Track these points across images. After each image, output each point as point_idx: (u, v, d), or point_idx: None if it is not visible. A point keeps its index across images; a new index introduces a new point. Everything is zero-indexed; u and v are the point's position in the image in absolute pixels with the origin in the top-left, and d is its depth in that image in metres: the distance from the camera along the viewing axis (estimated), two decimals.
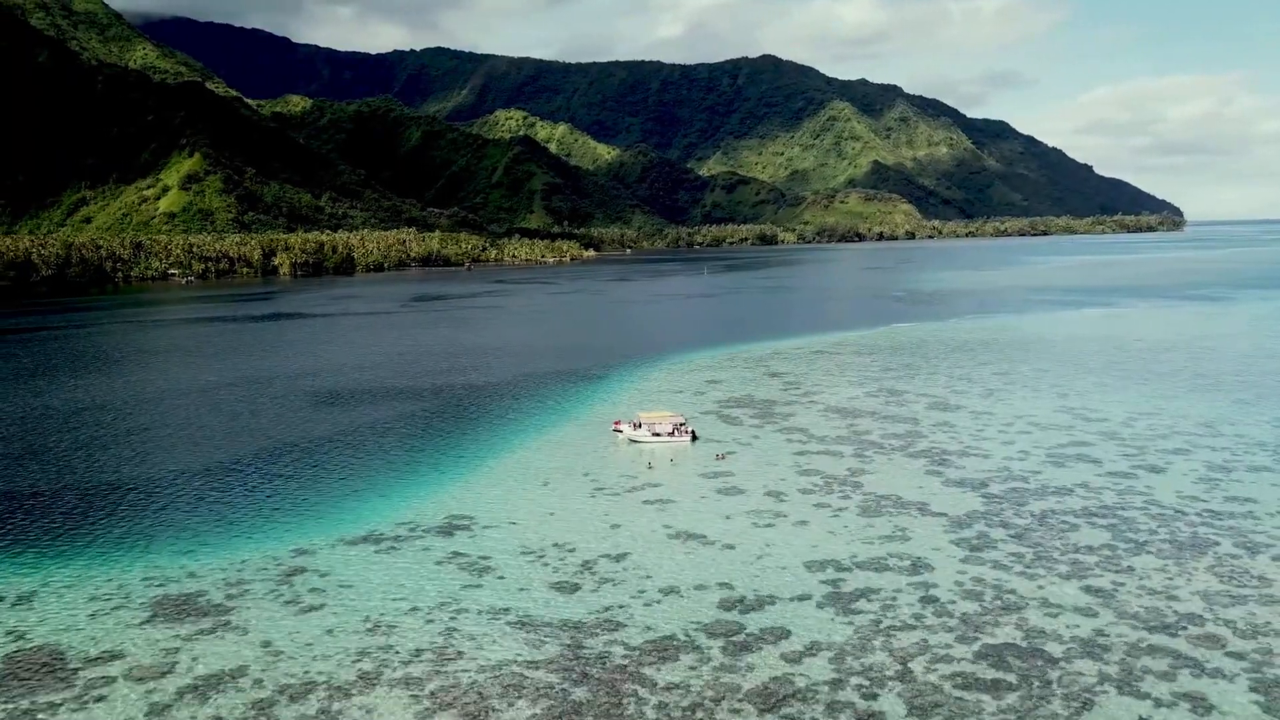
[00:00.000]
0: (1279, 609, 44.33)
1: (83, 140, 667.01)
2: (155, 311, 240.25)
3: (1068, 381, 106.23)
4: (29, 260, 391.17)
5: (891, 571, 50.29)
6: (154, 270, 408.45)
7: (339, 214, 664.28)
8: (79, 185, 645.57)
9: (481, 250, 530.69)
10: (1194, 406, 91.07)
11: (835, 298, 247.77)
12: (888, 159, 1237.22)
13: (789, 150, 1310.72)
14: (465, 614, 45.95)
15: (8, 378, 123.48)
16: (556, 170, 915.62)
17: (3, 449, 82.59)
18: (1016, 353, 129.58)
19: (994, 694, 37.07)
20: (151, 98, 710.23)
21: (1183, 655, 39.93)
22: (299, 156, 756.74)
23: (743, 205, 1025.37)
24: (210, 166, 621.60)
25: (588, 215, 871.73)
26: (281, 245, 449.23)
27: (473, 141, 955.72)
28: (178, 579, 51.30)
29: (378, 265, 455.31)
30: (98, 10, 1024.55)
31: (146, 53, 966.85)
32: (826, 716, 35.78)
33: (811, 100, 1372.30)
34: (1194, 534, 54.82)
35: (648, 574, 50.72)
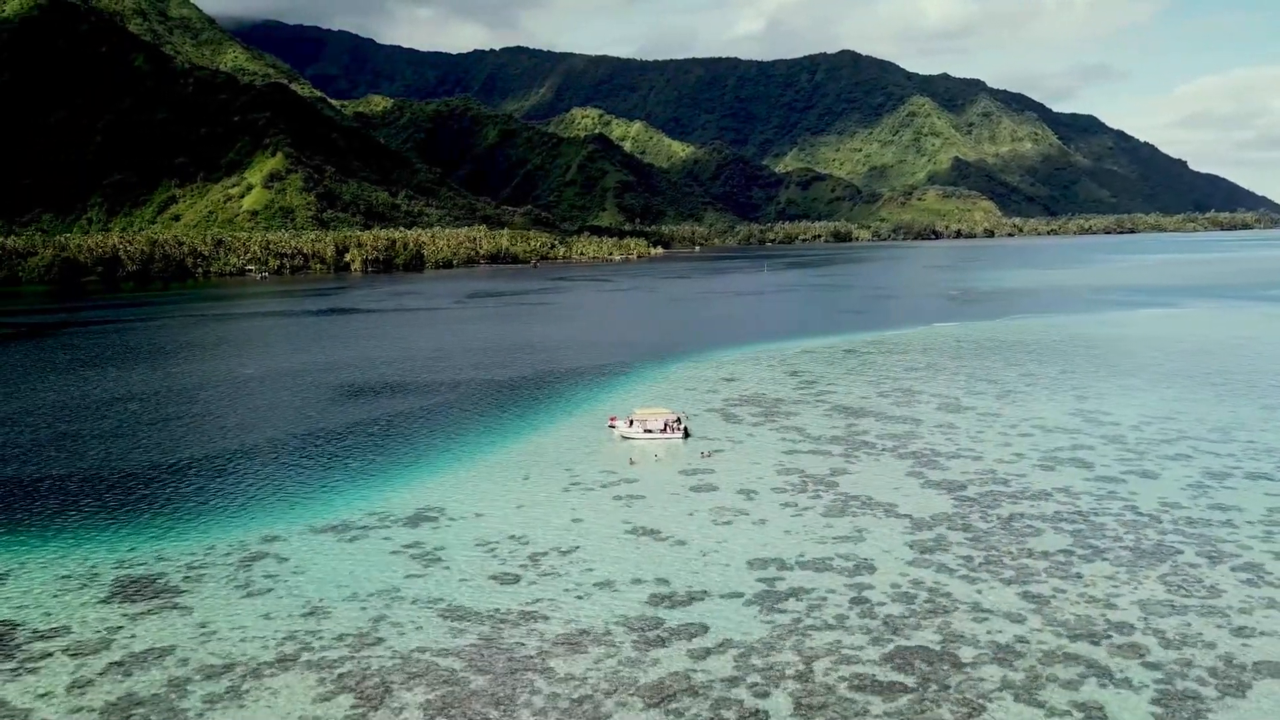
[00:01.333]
0: (1215, 620, 42.90)
1: (173, 140, 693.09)
2: (220, 306, 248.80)
3: (1092, 383, 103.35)
4: (116, 256, 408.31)
5: (832, 572, 49.99)
6: (232, 266, 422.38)
7: (415, 212, 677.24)
8: (169, 184, 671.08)
9: (549, 248, 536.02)
10: (1214, 411, 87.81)
11: (886, 296, 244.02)
12: (968, 155, 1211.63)
13: (867, 147, 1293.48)
14: (399, 602, 47.18)
15: (61, 367, 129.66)
16: (629, 168, 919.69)
17: (29, 435, 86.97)
18: (1050, 353, 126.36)
19: (885, 696, 36.78)
20: (238, 99, 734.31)
21: (1097, 665, 38.99)
22: (377, 155, 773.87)
23: (818, 202, 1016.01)
24: (292, 165, 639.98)
25: (660, 213, 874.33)
26: (354, 242, 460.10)
27: (547, 140, 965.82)
28: (146, 561, 53.67)
29: (446, 262, 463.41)
30: (192, 15, 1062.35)
31: (236, 55, 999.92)
32: (710, 712, 35.96)
33: (891, 96, 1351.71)
34: (1160, 542, 53.20)
35: (590, 568, 51.32)
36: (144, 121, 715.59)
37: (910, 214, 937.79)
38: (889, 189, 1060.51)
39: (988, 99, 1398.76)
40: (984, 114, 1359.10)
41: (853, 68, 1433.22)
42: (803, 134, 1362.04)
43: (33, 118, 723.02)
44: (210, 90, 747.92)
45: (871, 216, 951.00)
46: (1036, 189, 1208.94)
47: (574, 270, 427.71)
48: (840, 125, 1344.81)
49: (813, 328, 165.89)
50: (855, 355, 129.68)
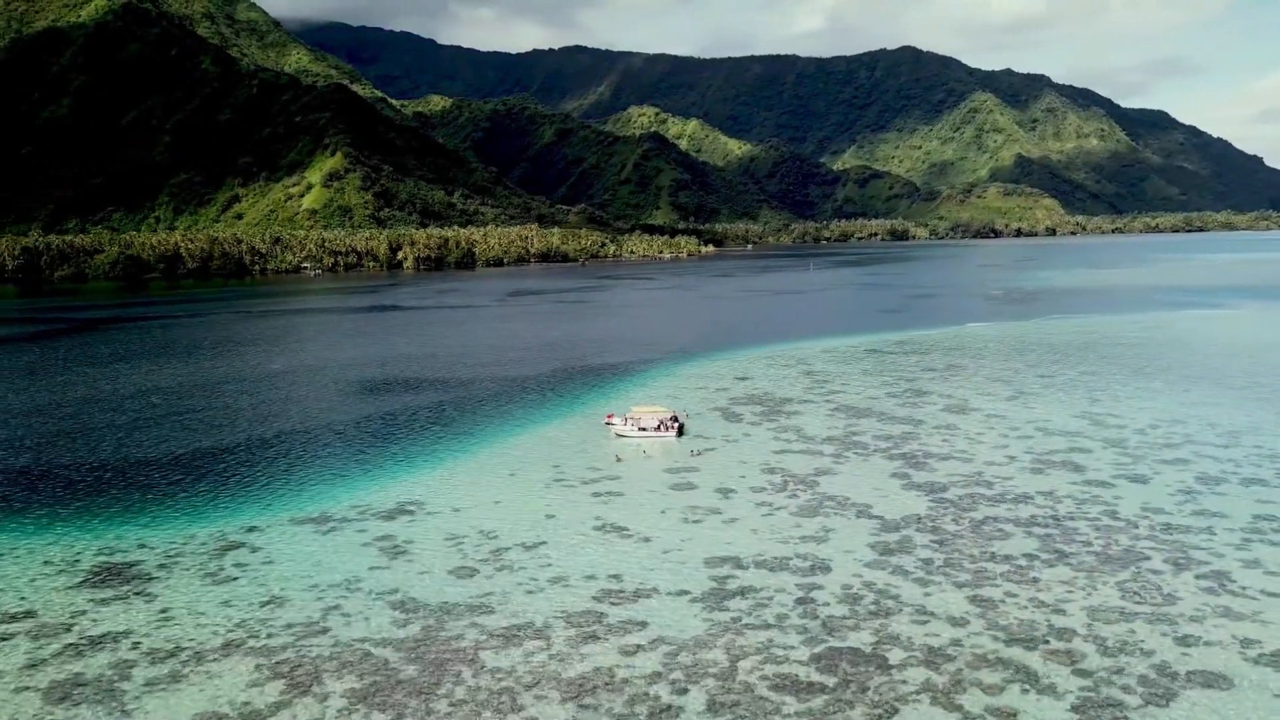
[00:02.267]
0: (1160, 628, 42.02)
1: (238, 140, 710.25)
2: (267, 302, 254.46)
3: (1109, 385, 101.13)
4: (177, 254, 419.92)
5: (786, 572, 49.94)
6: (288, 264, 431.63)
7: (470, 210, 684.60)
8: (232, 183, 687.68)
9: (600, 246, 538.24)
10: (1227, 416, 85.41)
11: (927, 295, 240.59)
12: (1032, 152, 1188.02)
13: (927, 144, 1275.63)
14: (355, 593, 48.29)
15: (98, 361, 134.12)
16: (684, 166, 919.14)
17: (49, 426, 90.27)
18: (1076, 355, 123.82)
19: (801, 696, 36.79)
20: (300, 100, 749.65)
21: (1025, 670, 38.51)
22: (435, 155, 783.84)
23: (875, 200, 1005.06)
24: (350, 165, 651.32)
25: (714, 211, 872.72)
26: (407, 240, 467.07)
27: (603, 139, 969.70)
28: (126, 549, 55.60)
29: (497, 260, 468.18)
30: (258, 18, 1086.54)
31: (300, 57, 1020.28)
32: (623, 708, 36.32)
33: (952, 92, 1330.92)
34: (1129, 548, 52.14)
35: (548, 563, 51.94)
36: (210, 122, 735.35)
37: (969, 212, 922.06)
38: (948, 187, 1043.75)
39: (1053, 95, 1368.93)
40: (1048, 110, 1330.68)
41: (913, 64, 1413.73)
42: (862, 131, 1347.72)
43: (106, 119, 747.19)
44: (274, 91, 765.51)
45: (930, 214, 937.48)
46: (1102, 186, 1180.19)
47: (621, 269, 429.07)
48: (900, 122, 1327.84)
49: (841, 327, 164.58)
50: (876, 355, 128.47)
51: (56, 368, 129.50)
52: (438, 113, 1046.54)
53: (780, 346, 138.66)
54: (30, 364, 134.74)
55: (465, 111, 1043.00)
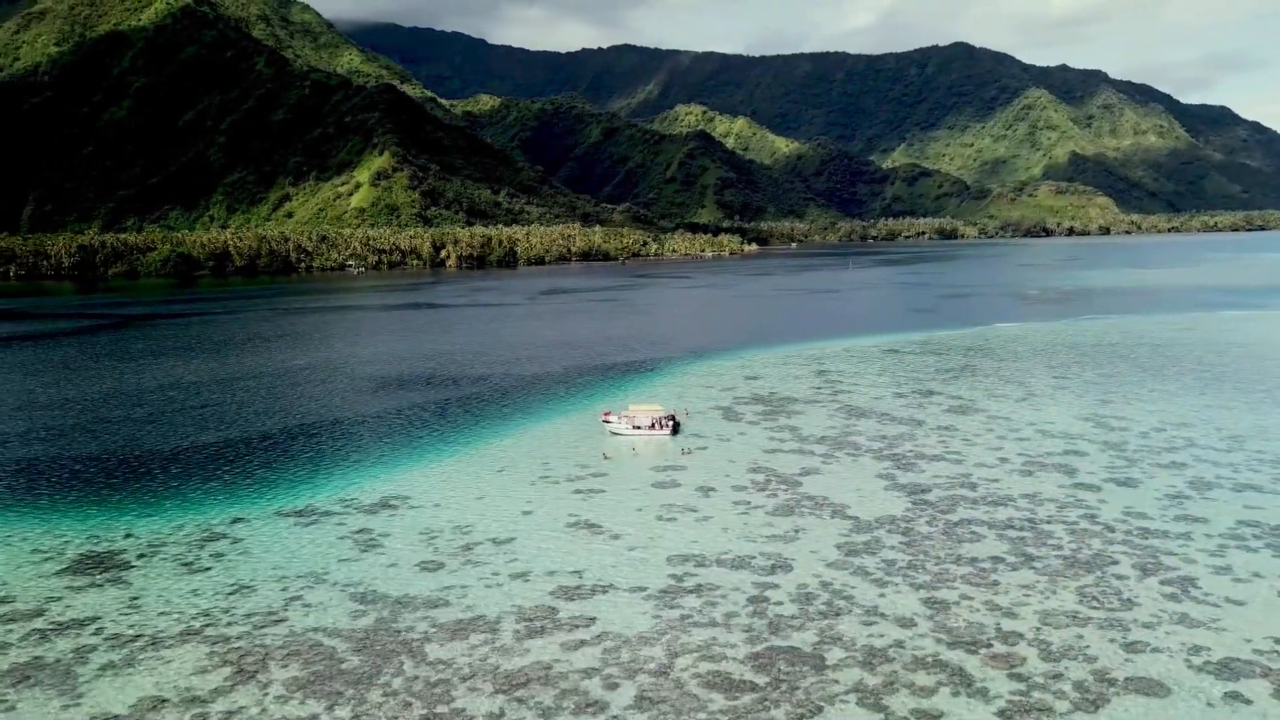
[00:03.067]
0: (1109, 634, 41.43)
1: (289, 140, 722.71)
2: (306, 299, 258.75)
3: (1123, 387, 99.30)
4: (226, 251, 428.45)
5: (747, 570, 50.01)
6: (332, 261, 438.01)
7: (515, 209, 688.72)
8: (283, 182, 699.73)
9: (642, 245, 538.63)
10: (1238, 419, 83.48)
11: (961, 294, 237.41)
12: (1087, 149, 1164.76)
13: (979, 141, 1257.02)
14: (320, 584, 49.33)
15: (128, 356, 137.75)
16: (730, 165, 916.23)
17: (66, 419, 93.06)
18: (1097, 356, 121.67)
19: (729, 694, 36.94)
20: (350, 100, 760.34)
21: (961, 673, 38.26)
22: (481, 154, 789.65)
23: (924, 198, 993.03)
24: (398, 164, 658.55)
25: (760, 209, 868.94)
26: (450, 239, 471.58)
27: (649, 137, 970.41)
28: (113, 538, 57.31)
29: (539, 259, 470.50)
30: (312, 20, 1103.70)
31: (352, 58, 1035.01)
32: (551, 701, 36.78)
33: (1005, 89, 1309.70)
34: (1100, 553, 51.37)
35: (514, 558, 52.56)
36: (263, 122, 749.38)
37: (1020, 211, 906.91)
38: (999, 185, 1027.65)
39: (1109, 91, 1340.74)
40: (1105, 106, 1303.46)
41: (965, 60, 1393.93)
42: (912, 129, 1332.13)
43: (164, 120, 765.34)
44: (325, 92, 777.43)
45: (980, 213, 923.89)
46: (1160, 184, 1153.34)
47: (660, 267, 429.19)
48: (951, 120, 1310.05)
49: (865, 327, 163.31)
50: (894, 355, 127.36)
51: (89, 362, 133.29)
52: (486, 112, 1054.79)
53: (799, 346, 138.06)
54: (65, 358, 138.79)
55: (513, 111, 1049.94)
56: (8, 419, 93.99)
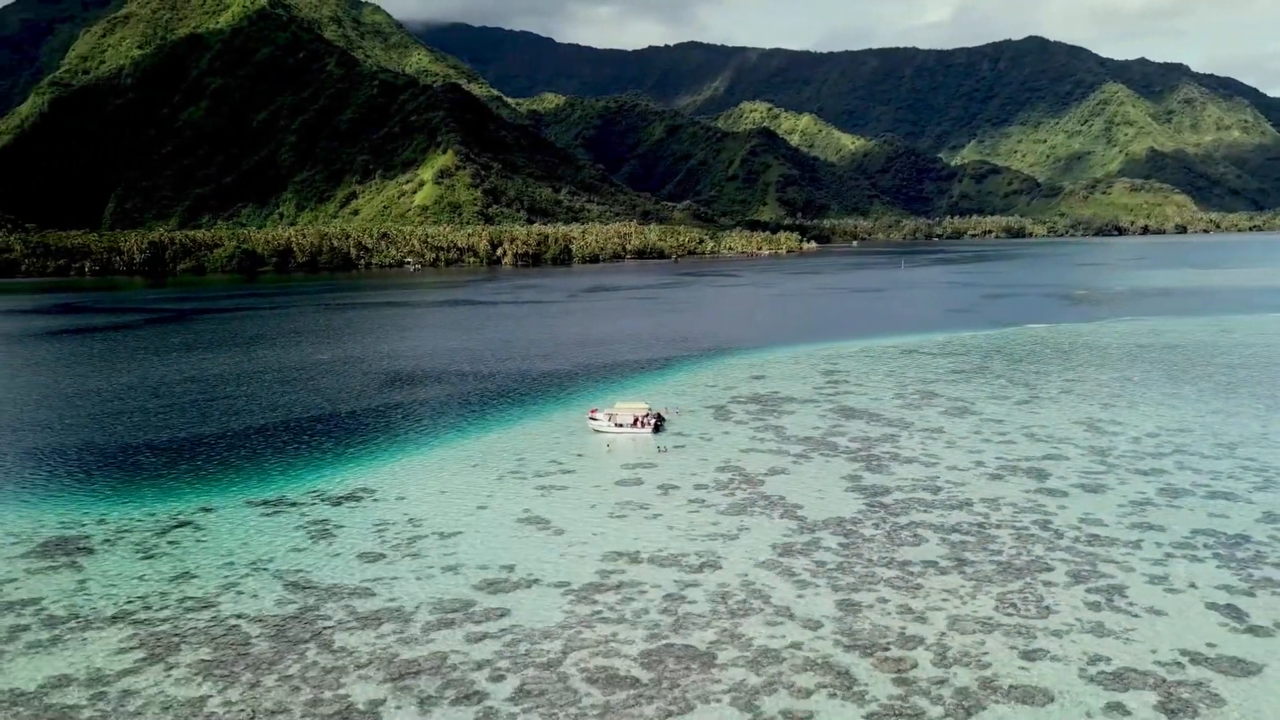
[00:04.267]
0: (1012, 641, 40.76)
1: (357, 139, 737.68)
2: (355, 295, 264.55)
3: (1134, 390, 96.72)
4: (289, 248, 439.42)
5: (676, 568, 50.25)
6: (391, 258, 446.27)
7: (576, 207, 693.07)
8: (350, 180, 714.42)
9: (698, 243, 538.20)
10: (1242, 426, 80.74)
11: (1004, 294, 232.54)
12: (1165, 145, 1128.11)
13: (1052, 137, 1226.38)
14: (260, 572, 50.93)
15: (160, 350, 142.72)
16: (794, 162, 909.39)
17: (84, 408, 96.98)
18: (1119, 358, 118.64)
19: (607, 690, 37.38)
20: (416, 99, 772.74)
21: (847, 676, 38.11)
22: (544, 152, 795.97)
23: (993, 196, 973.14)
24: (461, 162, 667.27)
25: (823, 207, 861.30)
26: (507, 237, 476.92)
27: (711, 135, 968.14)
28: (85, 524, 59.79)
29: (593, 257, 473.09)
30: (383, 21, 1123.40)
31: (420, 58, 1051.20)
32: (435, 690, 37.59)
33: (1081, 83, 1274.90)
34: (1037, 559, 50.42)
35: (452, 551, 53.57)
36: (332, 122, 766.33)
37: (1093, 209, 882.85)
38: (1072, 182, 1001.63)
39: (1191, 85, 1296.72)
40: (1186, 101, 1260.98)
41: (1040, 54, 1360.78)
42: (982, 125, 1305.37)
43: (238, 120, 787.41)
44: (392, 91, 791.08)
45: (1050, 211, 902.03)
46: (1244, 181, 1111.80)
47: (712, 265, 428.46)
48: (1024, 115, 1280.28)
49: (891, 326, 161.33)
50: (910, 356, 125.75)
51: (124, 355, 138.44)
52: (551, 110, 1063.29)
53: (817, 345, 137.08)
54: (104, 350, 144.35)
55: (577, 109, 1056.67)
56: (18, 408, 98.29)
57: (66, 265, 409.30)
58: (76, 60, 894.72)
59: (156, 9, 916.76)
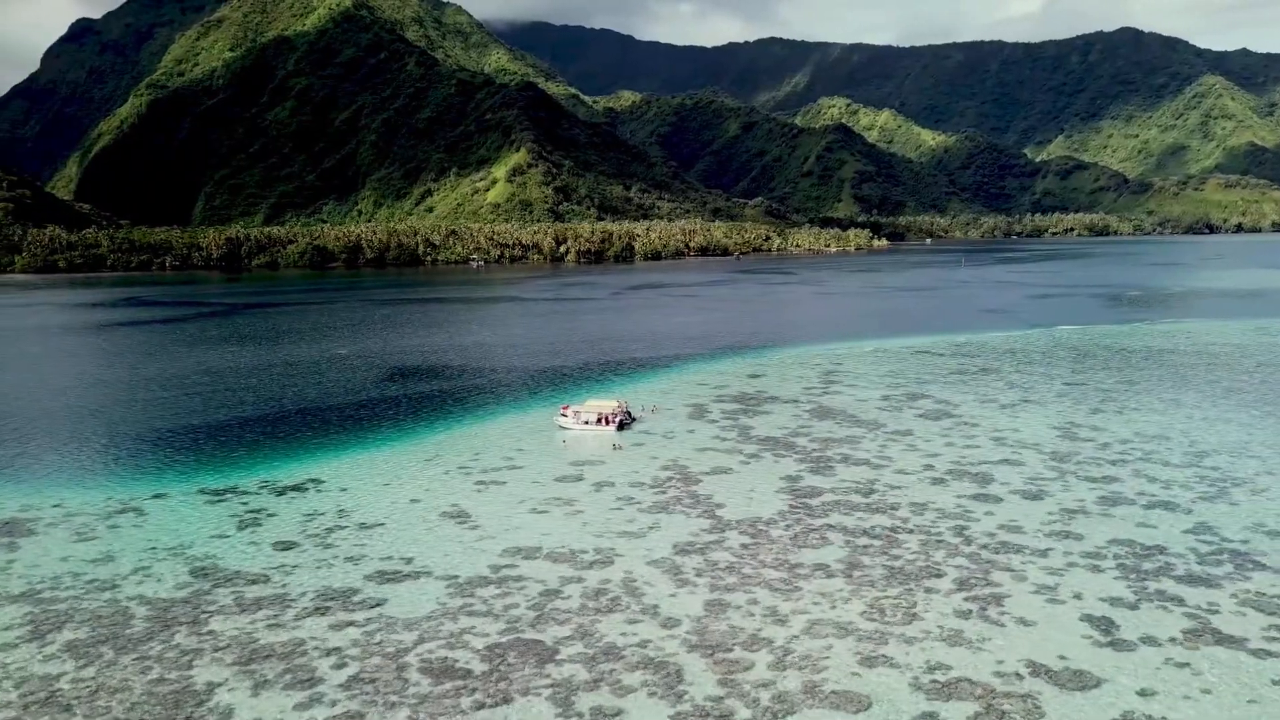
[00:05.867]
0: (858, 646, 40.33)
1: (434, 138, 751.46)
2: (409, 290, 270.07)
3: (1131, 395, 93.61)
4: (359, 244, 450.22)
5: (567, 564, 50.71)
6: (457, 255, 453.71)
7: (647, 205, 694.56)
8: (426, 178, 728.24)
9: (764, 240, 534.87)
10: (1220, 434, 77.72)
11: (1050, 294, 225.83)
12: (1267, 140, 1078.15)
13: (1145, 132, 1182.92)
14: (176, 558, 52.95)
15: (196, 342, 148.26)
16: (870, 158, 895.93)
17: (96, 397, 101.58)
18: (1134, 361, 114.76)
19: (437, 680, 38.15)
20: (492, 98, 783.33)
21: (676, 675, 38.22)
22: (617, 150, 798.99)
23: (1078, 193, 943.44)
24: (533, 160, 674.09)
25: (899, 204, 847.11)
26: (571, 234, 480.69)
27: (787, 131, 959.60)
28: (39, 507, 62.74)
29: (655, 254, 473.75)
30: (464, 21, 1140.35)
31: (499, 57, 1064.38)
32: (275, 676, 38.83)
33: (1176, 75, 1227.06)
34: (931, 566, 49.58)
35: (363, 543, 54.88)
36: (410, 121, 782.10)
37: (1183, 206, 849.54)
38: (1161, 178, 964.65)
39: None
40: None
41: (1132, 46, 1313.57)
42: (1070, 119, 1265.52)
43: (321, 119, 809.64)
44: (469, 91, 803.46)
45: (1138, 208, 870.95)
46: None
47: (774, 263, 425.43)
48: (1115, 109, 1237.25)
49: (915, 327, 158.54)
50: (921, 356, 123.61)
51: (147, 348, 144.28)
52: (627, 108, 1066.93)
53: (828, 345, 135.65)
54: (143, 343, 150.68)
55: (653, 107, 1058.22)
56: (34, 396, 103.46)
57: (149, 260, 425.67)
58: (172, 63, 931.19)
59: (248, 13, 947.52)
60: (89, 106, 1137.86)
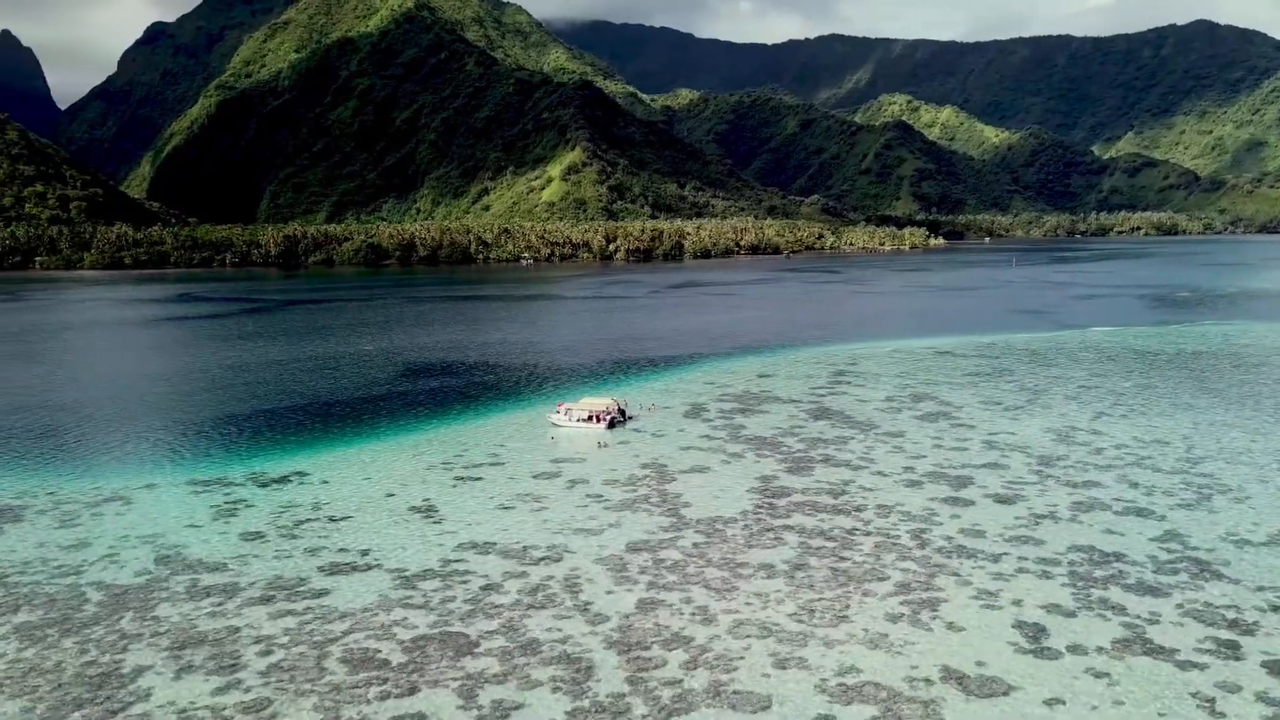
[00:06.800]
0: (780, 648, 40.13)
1: (491, 137, 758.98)
2: (452, 288, 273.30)
3: (1139, 399, 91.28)
4: (412, 242, 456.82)
5: (516, 560, 51.25)
6: (508, 253, 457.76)
7: (701, 203, 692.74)
8: (483, 177, 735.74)
9: (816, 238, 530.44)
10: (1221, 440, 75.42)
11: (1094, 295, 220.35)
12: None
13: (1219, 128, 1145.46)
14: (145, 546, 54.64)
15: (230, 337, 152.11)
16: (930, 156, 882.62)
17: (110, 389, 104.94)
18: (1159, 364, 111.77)
19: (352, 670, 38.94)
20: (549, 97, 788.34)
21: (587, 672, 38.48)
22: (672, 148, 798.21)
23: (1147, 191, 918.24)
24: (588, 159, 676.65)
25: (960, 202, 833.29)
26: (621, 233, 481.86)
27: (846, 128, 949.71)
28: (33, 494, 65.26)
29: (705, 252, 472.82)
30: (523, 21, 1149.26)
31: (558, 56, 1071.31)
32: (201, 660, 39.99)
33: (1254, 69, 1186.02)
34: (876, 569, 49.07)
35: (326, 534, 56.02)
36: (469, 120, 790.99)
37: (1256, 204, 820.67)
38: (1237, 175, 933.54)
39: None
40: None
41: (1208, 39, 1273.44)
42: (1141, 115, 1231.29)
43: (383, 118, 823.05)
44: (527, 90, 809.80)
45: (1210, 207, 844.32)
46: None
47: (824, 261, 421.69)
48: (1188, 105, 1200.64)
49: (945, 327, 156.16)
50: (941, 358, 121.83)
51: (189, 341, 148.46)
52: (684, 106, 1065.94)
53: (847, 345, 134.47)
54: (176, 337, 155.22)
55: (710, 105, 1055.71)
56: (55, 390, 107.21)
57: (210, 257, 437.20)
58: (240, 64, 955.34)
59: (313, 14, 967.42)
60: (162, 107, 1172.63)
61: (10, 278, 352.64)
